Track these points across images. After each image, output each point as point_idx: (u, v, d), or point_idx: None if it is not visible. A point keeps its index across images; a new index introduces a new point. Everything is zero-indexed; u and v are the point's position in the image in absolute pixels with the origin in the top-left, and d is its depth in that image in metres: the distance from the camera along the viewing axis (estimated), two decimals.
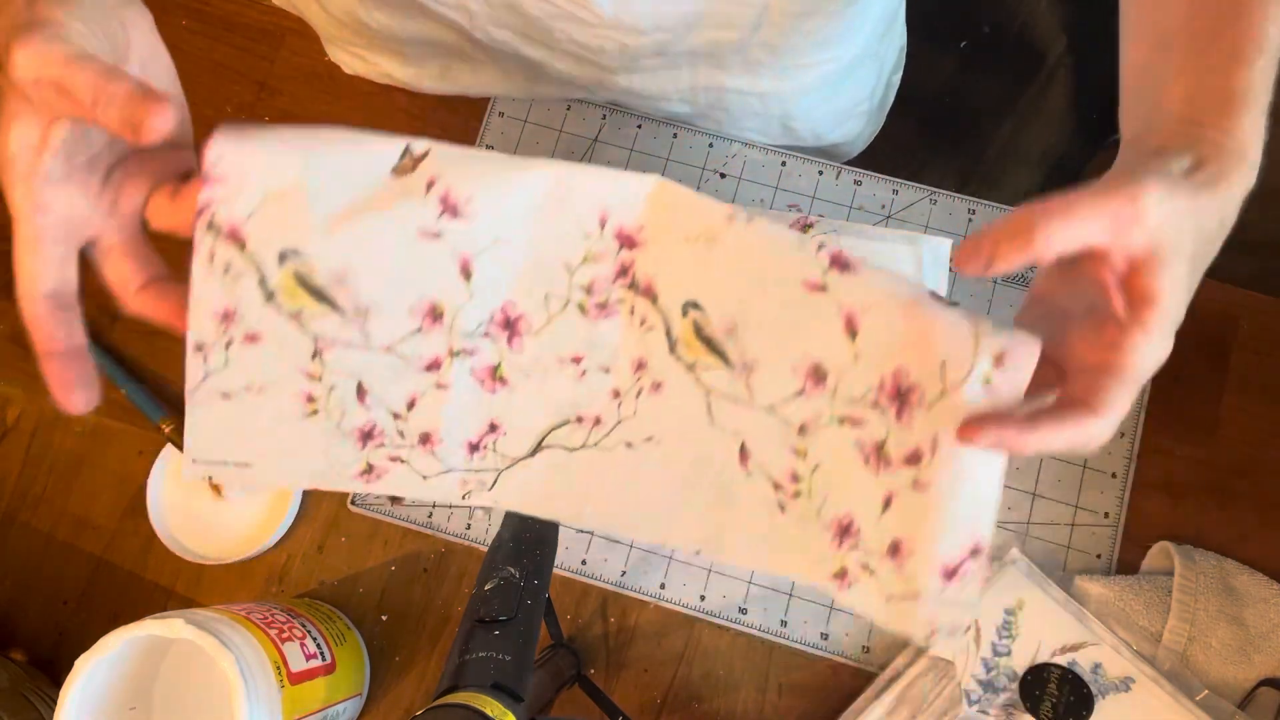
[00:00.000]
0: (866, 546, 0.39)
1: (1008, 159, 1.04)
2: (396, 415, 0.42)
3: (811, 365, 0.40)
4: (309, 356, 0.41)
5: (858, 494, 0.40)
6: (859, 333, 0.39)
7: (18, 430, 0.70)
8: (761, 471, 0.42)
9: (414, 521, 0.66)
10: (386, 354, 0.41)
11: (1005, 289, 0.69)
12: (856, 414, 0.39)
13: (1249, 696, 0.59)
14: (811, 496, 0.41)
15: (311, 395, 0.41)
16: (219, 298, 0.39)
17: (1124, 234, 0.34)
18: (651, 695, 0.62)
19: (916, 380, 0.37)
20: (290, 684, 0.53)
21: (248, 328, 0.40)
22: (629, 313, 0.43)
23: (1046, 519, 0.64)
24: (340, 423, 0.42)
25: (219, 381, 0.40)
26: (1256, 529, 0.64)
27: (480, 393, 0.43)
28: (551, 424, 0.44)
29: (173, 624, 0.51)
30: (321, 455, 0.42)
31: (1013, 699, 0.59)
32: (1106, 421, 0.36)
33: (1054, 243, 0.34)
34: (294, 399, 0.41)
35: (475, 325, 0.42)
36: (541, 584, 0.49)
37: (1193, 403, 0.67)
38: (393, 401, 0.42)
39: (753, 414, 0.42)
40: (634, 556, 0.65)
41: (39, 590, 0.67)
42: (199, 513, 0.66)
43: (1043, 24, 1.05)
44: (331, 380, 0.41)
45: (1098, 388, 0.36)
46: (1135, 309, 0.35)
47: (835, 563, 0.41)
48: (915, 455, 0.37)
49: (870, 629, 0.63)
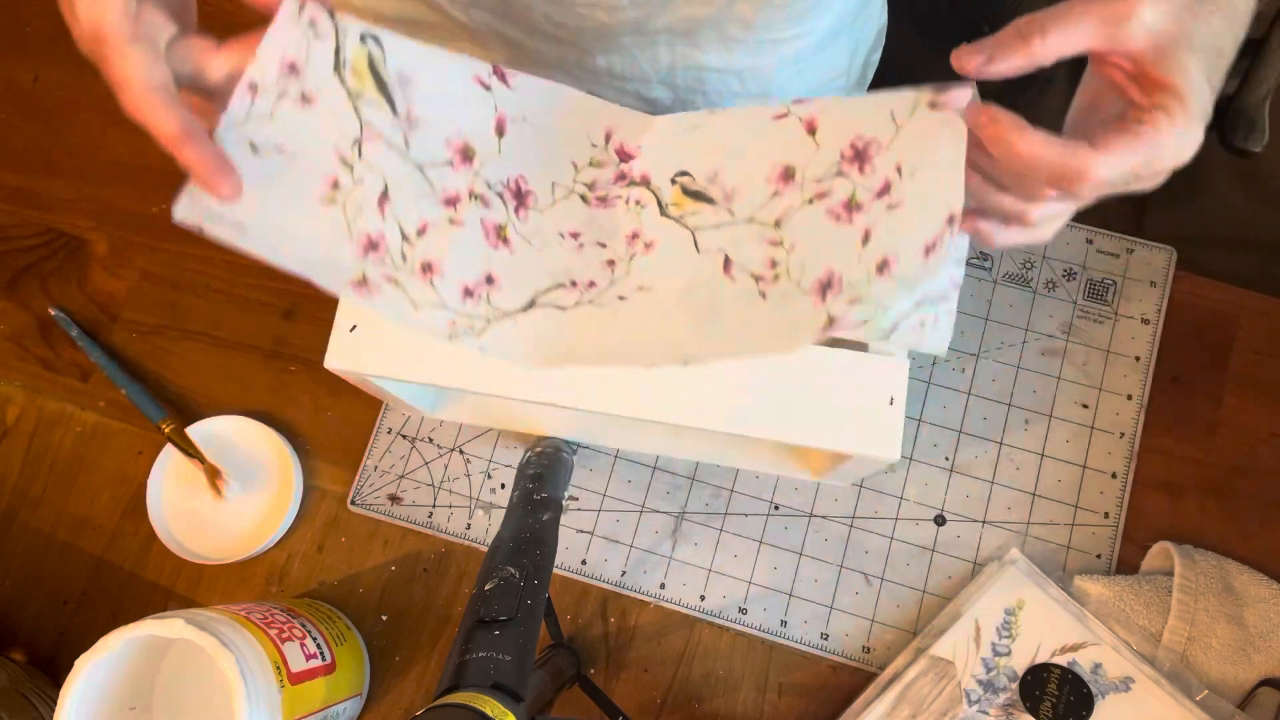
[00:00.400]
0: (851, 283, 0.42)
1: None
2: (405, 237, 0.44)
3: (781, 169, 0.45)
4: (350, 142, 0.42)
5: (835, 248, 0.43)
6: (818, 129, 0.44)
7: (18, 430, 0.70)
8: (743, 271, 0.45)
9: (414, 521, 0.66)
10: (417, 172, 0.44)
11: (1005, 288, 0.69)
12: (824, 188, 0.43)
13: (1249, 696, 0.59)
14: (790, 274, 0.44)
15: (337, 182, 0.43)
16: (293, 47, 0.41)
17: (1120, 33, 0.36)
18: (651, 695, 0.62)
19: (873, 135, 0.42)
20: (290, 684, 0.53)
21: (307, 87, 0.41)
22: (625, 202, 0.47)
23: (1046, 519, 0.64)
24: (353, 221, 0.43)
25: (255, 129, 0.41)
26: (1256, 529, 0.64)
27: (484, 244, 0.46)
28: (546, 285, 0.47)
29: (173, 624, 0.51)
30: (321, 247, 0.43)
31: (1013, 699, 0.59)
32: (1098, 166, 0.37)
33: (1050, 44, 0.36)
34: (319, 178, 0.42)
35: (495, 180, 0.45)
36: (541, 584, 0.49)
37: (1193, 403, 0.67)
38: (407, 221, 0.44)
39: (734, 229, 0.45)
40: (634, 557, 0.65)
41: (39, 590, 0.67)
42: (199, 513, 0.66)
43: None
44: (361, 173, 0.43)
45: (1115, 136, 0.37)
46: (1151, 95, 0.37)
47: (820, 316, 0.43)
48: (885, 187, 0.42)
49: (870, 629, 0.63)
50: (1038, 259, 0.69)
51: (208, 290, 0.72)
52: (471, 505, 0.66)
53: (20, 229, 0.74)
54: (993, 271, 0.69)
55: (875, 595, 0.64)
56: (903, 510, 0.65)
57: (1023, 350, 0.68)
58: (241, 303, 0.71)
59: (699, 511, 0.65)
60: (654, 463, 0.66)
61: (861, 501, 0.65)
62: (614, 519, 0.65)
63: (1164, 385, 0.67)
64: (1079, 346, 0.67)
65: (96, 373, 0.70)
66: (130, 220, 0.74)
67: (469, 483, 0.67)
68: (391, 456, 0.67)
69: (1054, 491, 0.65)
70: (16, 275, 0.73)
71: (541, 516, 0.53)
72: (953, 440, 0.66)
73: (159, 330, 0.71)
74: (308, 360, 0.70)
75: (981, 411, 0.66)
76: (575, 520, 0.66)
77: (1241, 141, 0.88)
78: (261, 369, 0.70)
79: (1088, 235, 0.70)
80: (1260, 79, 0.86)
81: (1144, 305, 0.68)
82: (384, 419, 0.68)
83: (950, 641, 0.61)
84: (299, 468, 0.66)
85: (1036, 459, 0.66)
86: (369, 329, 0.54)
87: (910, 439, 0.66)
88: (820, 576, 0.64)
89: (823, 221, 0.44)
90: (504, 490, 0.66)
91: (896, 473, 0.66)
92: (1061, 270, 0.69)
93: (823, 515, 0.65)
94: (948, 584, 0.64)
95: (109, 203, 0.74)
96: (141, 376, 0.70)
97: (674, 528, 0.65)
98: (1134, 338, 0.67)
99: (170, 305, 0.72)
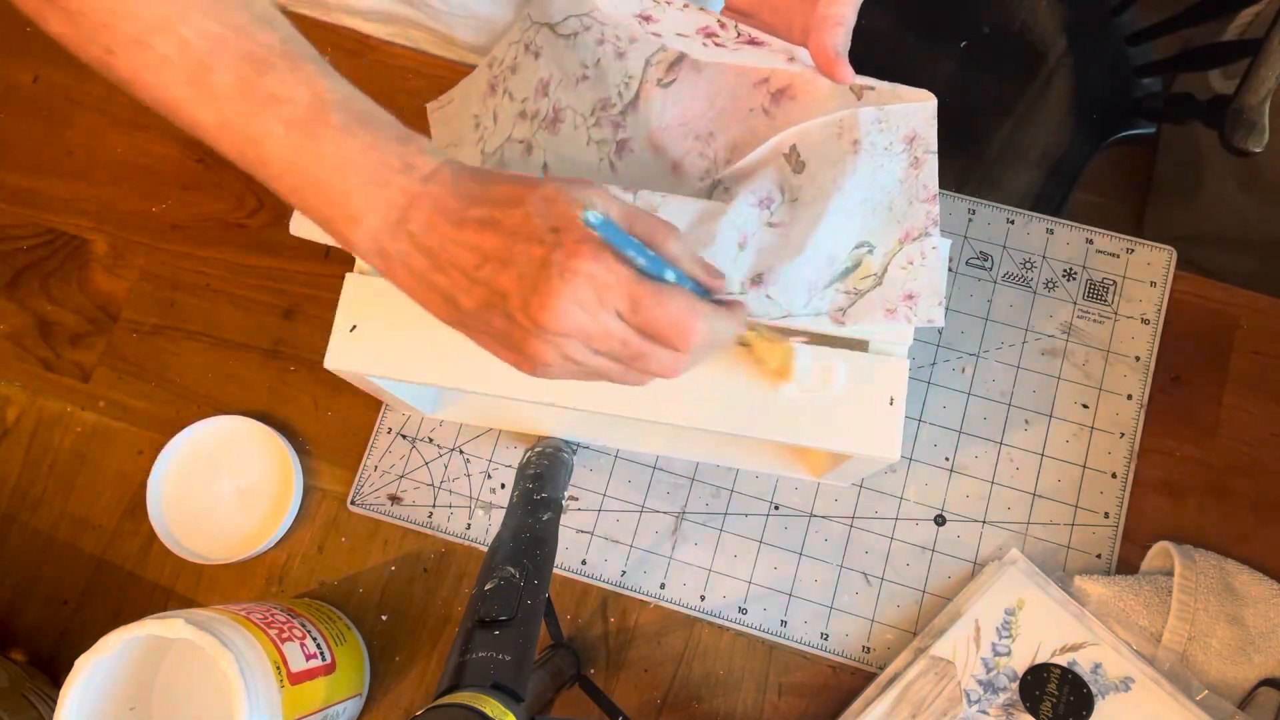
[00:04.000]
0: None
1: (1008, 159, 1.04)
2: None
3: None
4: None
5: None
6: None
7: (18, 430, 0.70)
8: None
9: (414, 521, 0.66)
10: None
11: (1005, 288, 0.69)
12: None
13: (1249, 696, 0.59)
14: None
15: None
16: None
17: None
18: (651, 695, 0.62)
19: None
20: (290, 684, 0.53)
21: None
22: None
23: (1046, 519, 0.64)
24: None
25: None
26: (1256, 529, 0.64)
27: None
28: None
29: (173, 624, 0.51)
30: None
31: (1013, 699, 0.59)
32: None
33: None
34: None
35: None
36: (541, 584, 0.49)
37: (1193, 403, 0.67)
38: None
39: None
40: (634, 557, 0.65)
41: (39, 590, 0.67)
42: (199, 513, 0.66)
43: (1043, 24, 1.05)
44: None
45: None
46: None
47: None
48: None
49: (870, 629, 0.63)
50: (1038, 259, 0.69)
51: (208, 290, 0.72)
52: (471, 505, 0.66)
53: (20, 229, 0.74)
54: (993, 271, 0.69)
55: (875, 595, 0.64)
56: (903, 510, 0.65)
57: (1023, 350, 0.68)
58: (241, 303, 0.71)
59: (699, 511, 0.65)
60: (654, 463, 0.66)
61: (861, 501, 0.65)
62: (614, 519, 0.65)
63: (1164, 385, 0.67)
64: (1079, 346, 0.67)
65: (96, 372, 0.70)
66: (130, 220, 0.74)
67: (469, 483, 0.67)
68: (391, 456, 0.67)
69: (1054, 491, 0.65)
70: (16, 275, 0.73)
71: (541, 516, 0.53)
72: (953, 440, 0.66)
73: (159, 330, 0.71)
74: (308, 360, 0.70)
75: (981, 411, 0.66)
76: (575, 520, 0.66)
77: (1241, 142, 0.88)
78: (261, 369, 0.70)
79: (1088, 235, 0.70)
80: (1260, 79, 0.86)
81: (1144, 305, 0.68)
82: (384, 419, 0.68)
83: (950, 641, 0.61)
84: (299, 468, 0.66)
85: (1036, 459, 0.66)
86: (369, 329, 0.54)
87: (910, 439, 0.66)
88: (820, 576, 0.64)
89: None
90: (504, 490, 0.66)
91: (896, 473, 0.66)
92: (1061, 270, 0.69)
93: (823, 515, 0.65)
94: (948, 584, 0.64)
95: (109, 203, 0.74)
96: (142, 376, 0.70)
97: (674, 528, 0.65)
98: (1134, 338, 0.67)
99: (170, 305, 0.72)
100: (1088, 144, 1.04)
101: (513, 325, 0.40)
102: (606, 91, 0.58)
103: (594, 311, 0.39)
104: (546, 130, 0.59)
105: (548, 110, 0.59)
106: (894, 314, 0.52)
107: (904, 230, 0.52)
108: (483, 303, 0.41)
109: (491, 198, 0.41)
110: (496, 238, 0.40)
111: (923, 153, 0.52)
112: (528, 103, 0.60)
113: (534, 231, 0.39)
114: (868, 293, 0.52)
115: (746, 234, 0.52)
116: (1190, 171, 1.40)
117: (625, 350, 0.41)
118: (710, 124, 0.57)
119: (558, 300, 0.39)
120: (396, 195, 0.41)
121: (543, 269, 0.39)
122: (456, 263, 0.40)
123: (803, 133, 0.53)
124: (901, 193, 0.52)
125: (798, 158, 0.53)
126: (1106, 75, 1.06)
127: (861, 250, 0.52)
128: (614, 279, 0.39)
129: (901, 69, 0.53)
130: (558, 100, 0.59)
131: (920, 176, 0.52)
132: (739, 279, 0.52)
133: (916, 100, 0.51)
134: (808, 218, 0.52)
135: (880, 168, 0.52)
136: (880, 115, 0.52)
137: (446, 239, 0.41)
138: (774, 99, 0.55)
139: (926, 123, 0.52)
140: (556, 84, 0.59)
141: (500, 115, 0.61)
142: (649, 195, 0.53)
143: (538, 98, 0.60)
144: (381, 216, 0.41)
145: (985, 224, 0.70)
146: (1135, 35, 1.07)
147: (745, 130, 0.55)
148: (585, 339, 0.40)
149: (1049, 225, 0.70)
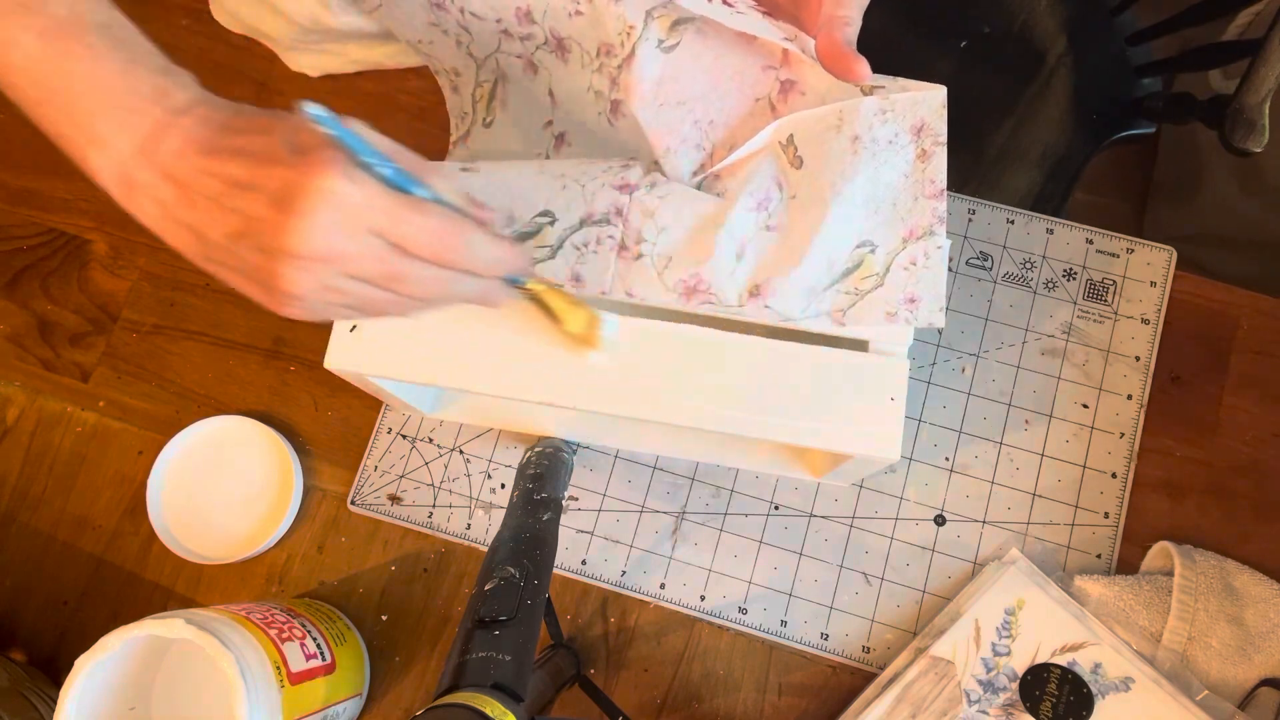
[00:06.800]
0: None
1: (1008, 159, 1.04)
2: None
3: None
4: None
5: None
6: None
7: (18, 430, 0.70)
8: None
9: (414, 521, 0.66)
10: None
11: (1005, 288, 0.69)
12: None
13: (1249, 696, 0.59)
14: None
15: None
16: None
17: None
18: (651, 695, 0.62)
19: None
20: (290, 684, 0.53)
21: None
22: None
23: (1046, 519, 0.64)
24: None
25: None
26: (1256, 529, 0.64)
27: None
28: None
29: (173, 624, 0.51)
30: None
31: (1013, 699, 0.59)
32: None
33: None
34: None
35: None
36: (541, 584, 0.49)
37: (1193, 403, 0.67)
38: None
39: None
40: (634, 557, 0.65)
41: (39, 590, 0.67)
42: (199, 513, 0.66)
43: (1043, 24, 1.05)
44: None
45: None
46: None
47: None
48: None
49: (870, 629, 0.63)
50: (1038, 259, 0.69)
51: (208, 290, 0.72)
52: (471, 505, 0.66)
53: (20, 229, 0.74)
54: (993, 271, 0.69)
55: (875, 595, 0.64)
56: (903, 510, 0.65)
57: (1023, 350, 0.68)
58: (242, 303, 0.71)
59: (699, 511, 0.65)
60: (654, 463, 0.66)
61: (861, 501, 0.65)
62: (614, 519, 0.65)
63: (1164, 385, 0.67)
64: (1079, 346, 0.67)
65: (96, 372, 0.70)
66: (130, 220, 0.73)
67: (469, 483, 0.67)
68: (391, 456, 0.67)
69: (1054, 491, 0.65)
70: (16, 275, 0.73)
71: (541, 516, 0.53)
72: (953, 440, 0.66)
73: (159, 330, 0.71)
74: (308, 360, 0.70)
75: (981, 411, 0.66)
76: (575, 520, 0.66)
77: (1241, 141, 0.88)
78: (261, 369, 0.70)
79: (1088, 235, 0.70)
80: (1260, 79, 0.86)
81: (1144, 305, 0.68)
82: (384, 419, 0.68)
83: (950, 641, 0.61)
84: (299, 468, 0.66)
85: (1036, 459, 0.66)
86: (369, 329, 0.54)
87: (910, 439, 0.66)
88: (820, 576, 0.64)
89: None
90: (504, 490, 0.66)
91: (896, 473, 0.66)
92: (1061, 270, 0.69)
93: (823, 515, 0.65)
94: (948, 584, 0.64)
95: (109, 203, 0.73)
96: (142, 376, 0.70)
97: (674, 528, 0.65)
98: (1134, 338, 0.67)
99: (170, 305, 0.72)
100: (1088, 144, 1.04)
101: (263, 257, 0.39)
102: (608, 37, 0.54)
103: (345, 230, 0.38)
104: (555, 55, 0.56)
105: (546, 35, 0.56)
106: (894, 317, 0.51)
107: (908, 228, 0.51)
108: (232, 233, 0.39)
109: (242, 127, 0.40)
110: (244, 165, 0.38)
111: (931, 144, 0.51)
112: (507, 24, 0.57)
113: (279, 156, 0.38)
114: (869, 293, 0.52)
115: (744, 242, 0.52)
116: (1190, 171, 1.40)
117: (383, 270, 0.40)
118: (712, 110, 0.54)
119: (302, 220, 0.37)
120: (146, 122, 0.39)
121: (286, 190, 0.37)
122: (205, 192, 0.39)
123: (801, 121, 0.52)
124: (906, 189, 0.51)
125: (795, 151, 0.52)
126: (1107, 75, 1.06)
127: (863, 250, 0.52)
128: (362, 195, 0.38)
129: (901, 69, 0.52)
130: (556, 29, 0.55)
131: (927, 170, 0.51)
132: (737, 291, 0.52)
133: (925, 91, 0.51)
134: (806, 222, 0.51)
135: (884, 164, 0.51)
136: (884, 105, 0.51)
137: (196, 168, 0.39)
138: (782, 91, 0.53)
139: (936, 112, 0.51)
140: (542, 14, 0.56)
141: (476, 33, 0.58)
142: (646, 198, 0.52)
143: (523, 23, 0.56)
144: (129, 142, 0.40)
145: (985, 224, 0.70)
146: (1135, 35, 1.07)
147: (749, 131, 0.54)
148: (340, 262, 0.38)
149: (1049, 225, 0.70)
